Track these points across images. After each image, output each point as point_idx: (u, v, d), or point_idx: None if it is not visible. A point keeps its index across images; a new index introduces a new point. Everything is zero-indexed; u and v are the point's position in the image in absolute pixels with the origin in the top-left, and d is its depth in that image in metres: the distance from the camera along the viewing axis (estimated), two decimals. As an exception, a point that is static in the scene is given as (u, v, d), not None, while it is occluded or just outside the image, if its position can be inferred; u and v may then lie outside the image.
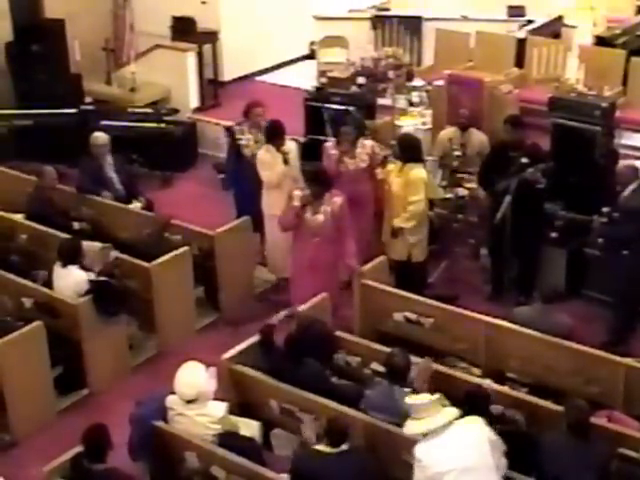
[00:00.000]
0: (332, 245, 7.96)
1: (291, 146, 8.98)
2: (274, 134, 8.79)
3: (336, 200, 7.93)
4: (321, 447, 5.73)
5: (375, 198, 8.80)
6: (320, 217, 7.93)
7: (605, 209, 7.99)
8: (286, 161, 8.67)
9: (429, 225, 8.71)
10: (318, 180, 7.97)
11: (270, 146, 8.80)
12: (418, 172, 8.35)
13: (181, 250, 8.39)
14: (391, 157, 8.79)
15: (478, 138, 9.18)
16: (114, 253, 8.11)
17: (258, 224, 8.94)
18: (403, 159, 8.36)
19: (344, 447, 5.67)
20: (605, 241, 8.01)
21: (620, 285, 7.94)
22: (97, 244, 8.16)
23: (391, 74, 11.15)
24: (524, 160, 8.22)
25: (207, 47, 12.60)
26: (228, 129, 10.32)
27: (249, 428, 6.46)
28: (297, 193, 8.01)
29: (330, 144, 8.88)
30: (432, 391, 6.16)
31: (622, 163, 8.23)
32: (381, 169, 8.75)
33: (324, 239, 7.95)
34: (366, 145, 8.76)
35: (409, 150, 8.39)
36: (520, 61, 11.38)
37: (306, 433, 6.47)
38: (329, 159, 8.76)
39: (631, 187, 7.83)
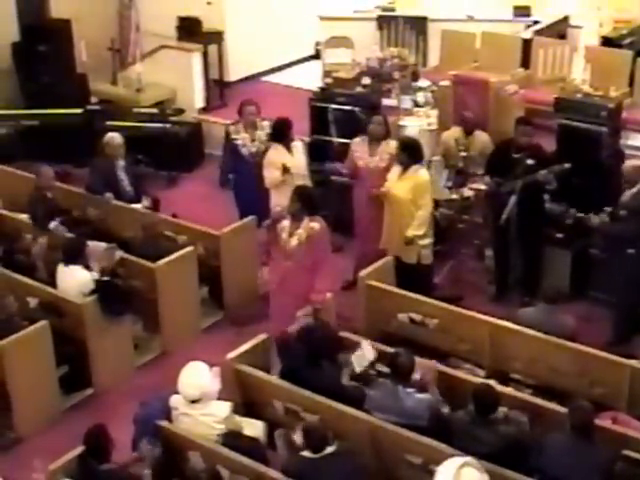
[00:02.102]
0: (304, 272, 7.44)
1: (298, 144, 9.00)
2: (282, 133, 8.80)
3: (313, 226, 7.42)
4: (306, 453, 5.74)
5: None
6: (293, 241, 7.49)
7: (607, 208, 7.99)
8: (285, 170, 8.67)
9: (435, 225, 8.70)
10: (303, 199, 7.49)
11: (278, 145, 8.82)
12: (424, 174, 8.31)
13: (186, 250, 8.40)
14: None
15: (481, 139, 9.16)
16: (119, 253, 8.13)
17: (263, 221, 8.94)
18: (408, 162, 8.27)
19: (329, 450, 5.67)
20: (609, 240, 8.00)
21: (624, 284, 7.93)
22: (102, 244, 8.17)
23: (396, 74, 11.14)
24: (530, 161, 8.20)
25: (212, 47, 12.62)
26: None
27: (253, 428, 6.47)
28: (277, 209, 7.87)
29: (355, 140, 8.84)
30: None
31: (629, 162, 8.19)
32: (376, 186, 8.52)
33: (296, 264, 7.47)
34: (390, 145, 8.64)
35: (414, 153, 8.31)
36: (526, 62, 11.36)
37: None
38: (350, 155, 8.79)
39: (638, 187, 7.82)
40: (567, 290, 8.23)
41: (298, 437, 6.07)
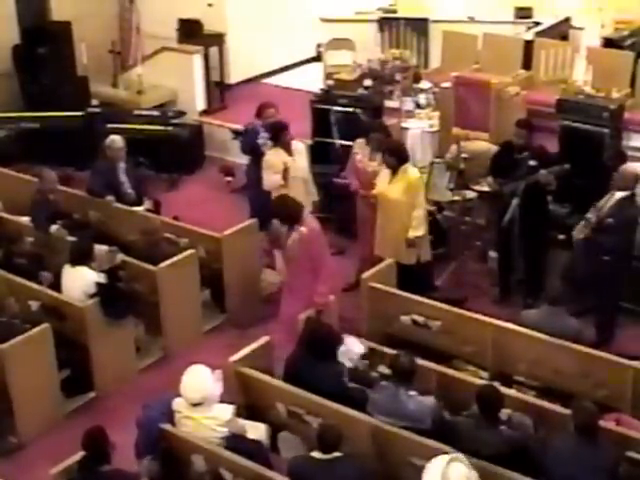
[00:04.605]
0: (303, 275, 7.56)
1: (300, 147, 8.98)
2: (277, 136, 8.79)
3: (302, 229, 7.51)
4: (315, 453, 5.71)
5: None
6: (289, 243, 7.61)
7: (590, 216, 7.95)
8: (285, 177, 8.65)
9: (436, 228, 8.68)
10: (277, 212, 7.69)
11: (277, 148, 8.81)
12: (414, 172, 8.32)
13: (187, 253, 8.39)
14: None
15: None
16: (120, 256, 8.11)
17: (267, 224, 8.92)
18: (396, 165, 8.23)
19: (337, 454, 5.65)
20: (594, 247, 7.91)
21: (602, 288, 7.89)
22: (104, 247, 8.16)
23: (398, 76, 11.15)
24: (532, 163, 8.18)
25: (213, 49, 12.60)
26: (238, 132, 10.31)
27: (256, 431, 6.45)
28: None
29: (357, 143, 8.84)
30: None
31: (628, 165, 8.07)
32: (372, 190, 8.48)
33: (295, 266, 7.62)
34: None
35: (400, 155, 8.28)
36: (527, 63, 11.35)
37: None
38: (351, 159, 8.80)
39: (621, 194, 7.77)
40: (569, 291, 8.18)
41: None
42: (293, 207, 7.66)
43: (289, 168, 8.68)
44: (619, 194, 7.77)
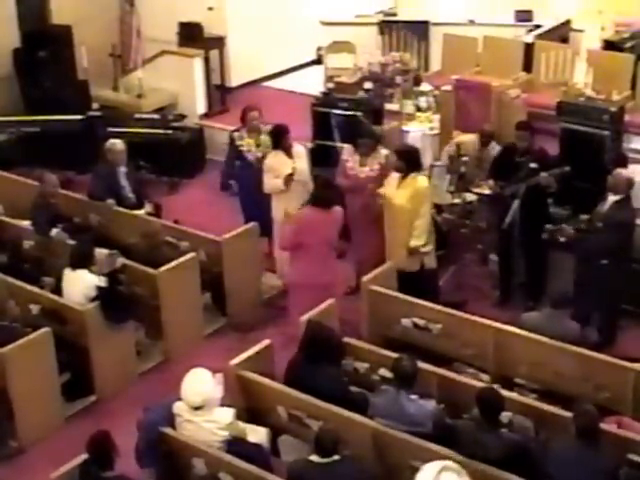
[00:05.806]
0: None
1: (300, 150, 8.98)
2: (278, 139, 8.79)
3: (300, 211, 8.15)
4: (313, 457, 5.70)
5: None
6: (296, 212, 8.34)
7: (583, 216, 7.95)
8: (289, 178, 8.65)
9: (438, 230, 8.68)
10: (317, 186, 8.22)
11: (278, 152, 8.80)
12: (423, 181, 8.27)
13: (188, 256, 8.38)
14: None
15: (494, 153, 8.99)
16: (121, 260, 8.10)
17: (266, 229, 8.94)
18: (406, 170, 8.23)
19: (335, 457, 5.64)
20: (585, 250, 7.90)
21: (601, 293, 7.88)
22: (104, 250, 8.15)
23: (398, 79, 11.14)
24: (533, 165, 8.18)
25: (214, 53, 12.60)
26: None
27: (257, 434, 6.45)
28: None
29: (346, 150, 8.84)
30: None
31: (620, 170, 8.03)
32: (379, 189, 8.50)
33: None
34: (381, 153, 8.63)
35: (411, 160, 8.25)
36: (528, 65, 11.35)
37: None
38: (341, 165, 8.77)
39: (614, 197, 7.76)
40: (572, 294, 8.18)
41: None
42: (326, 193, 8.00)
43: (295, 171, 8.68)
44: (612, 198, 7.77)
